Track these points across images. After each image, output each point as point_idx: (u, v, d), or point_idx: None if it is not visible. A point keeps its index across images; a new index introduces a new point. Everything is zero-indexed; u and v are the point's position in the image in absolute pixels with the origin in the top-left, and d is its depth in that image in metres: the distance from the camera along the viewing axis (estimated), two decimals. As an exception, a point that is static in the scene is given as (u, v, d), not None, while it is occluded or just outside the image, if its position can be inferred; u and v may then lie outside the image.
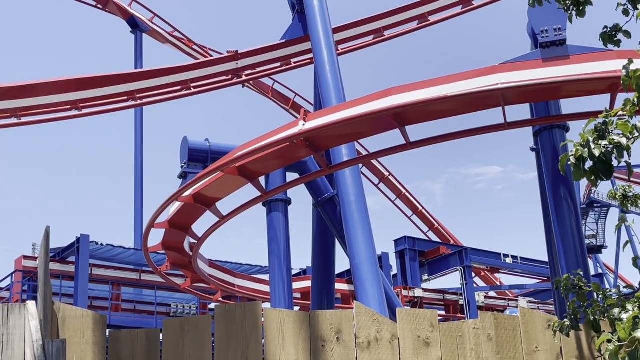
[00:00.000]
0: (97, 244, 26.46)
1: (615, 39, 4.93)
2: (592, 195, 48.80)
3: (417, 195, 44.35)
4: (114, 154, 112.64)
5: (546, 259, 19.43)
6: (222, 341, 5.00)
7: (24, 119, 19.96)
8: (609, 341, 3.43)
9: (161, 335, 5.05)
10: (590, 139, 3.66)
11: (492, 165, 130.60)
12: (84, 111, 20.97)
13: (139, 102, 22.55)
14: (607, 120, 3.71)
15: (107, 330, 5.02)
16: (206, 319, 5.11)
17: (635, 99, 3.65)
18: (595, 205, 49.16)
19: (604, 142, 3.62)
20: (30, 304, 4.68)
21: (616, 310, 4.44)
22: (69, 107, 20.72)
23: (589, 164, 3.67)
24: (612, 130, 3.69)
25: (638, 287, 4.97)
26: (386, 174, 40.72)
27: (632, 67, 3.70)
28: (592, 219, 49.27)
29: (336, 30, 22.35)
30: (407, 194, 41.65)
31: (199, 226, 18.12)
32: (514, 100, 12.76)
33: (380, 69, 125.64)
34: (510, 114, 12.75)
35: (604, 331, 4.95)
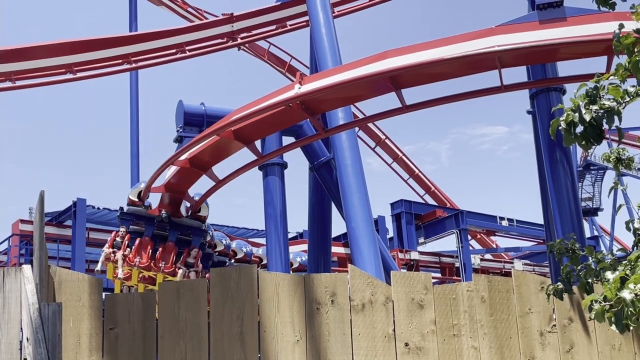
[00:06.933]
0: (93, 207, 26.49)
1: (610, 1, 4.85)
2: (588, 157, 48.84)
3: (422, 156, 44.53)
4: (110, 118, 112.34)
5: (542, 222, 19.50)
6: (217, 304, 5.04)
7: (18, 83, 19.87)
8: (597, 301, 3.46)
9: (157, 298, 5.08)
10: (581, 103, 3.65)
11: (498, 125, 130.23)
12: (79, 74, 20.88)
13: (134, 65, 22.45)
14: (598, 85, 3.70)
15: (103, 294, 5.04)
16: (202, 283, 5.13)
17: (627, 64, 3.64)
18: (591, 167, 49.24)
19: (595, 107, 3.62)
20: (26, 267, 4.70)
21: (608, 273, 4.48)
22: (63, 70, 20.64)
23: (579, 128, 3.68)
24: (603, 95, 3.68)
25: (631, 249, 4.99)
26: (383, 137, 40.70)
27: (623, 31, 3.68)
28: (588, 181, 49.41)
29: (332, -8, 22.15)
30: (403, 157, 41.70)
31: (195, 190, 18.19)
32: (510, 63, 12.72)
33: (377, 32, 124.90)
34: (507, 77, 12.73)
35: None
